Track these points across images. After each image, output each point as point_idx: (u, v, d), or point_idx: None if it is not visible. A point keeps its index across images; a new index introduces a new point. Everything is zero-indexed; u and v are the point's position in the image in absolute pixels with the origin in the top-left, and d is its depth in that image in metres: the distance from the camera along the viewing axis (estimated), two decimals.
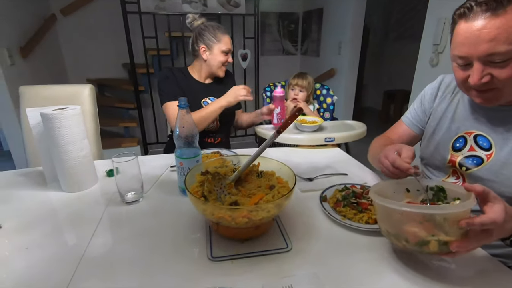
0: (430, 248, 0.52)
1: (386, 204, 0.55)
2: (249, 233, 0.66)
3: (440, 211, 0.51)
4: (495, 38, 0.60)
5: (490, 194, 0.51)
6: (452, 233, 0.51)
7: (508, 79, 0.62)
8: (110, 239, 0.69)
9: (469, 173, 0.77)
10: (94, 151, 1.30)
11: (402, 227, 0.54)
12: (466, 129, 0.79)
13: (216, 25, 1.40)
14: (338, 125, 1.52)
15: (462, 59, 0.66)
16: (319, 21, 3.49)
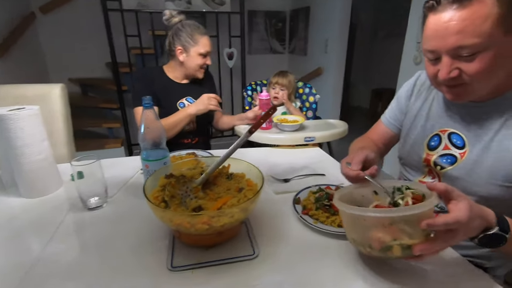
0: (394, 253, 0.50)
1: (347, 210, 0.52)
2: (212, 240, 0.62)
3: (398, 213, 0.48)
4: (462, 31, 0.57)
5: (453, 193, 0.49)
6: (415, 236, 0.48)
7: (476, 73, 0.60)
8: (65, 248, 0.65)
9: (444, 172, 0.75)
10: (65, 154, 1.24)
11: (366, 234, 0.52)
12: (441, 127, 0.77)
13: (194, 25, 1.34)
14: (320, 124, 1.49)
15: (432, 53, 0.64)
16: (306, 19, 3.47)
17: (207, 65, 1.38)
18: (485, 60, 0.59)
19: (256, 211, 0.78)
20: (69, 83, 3.16)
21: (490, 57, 0.58)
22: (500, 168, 0.66)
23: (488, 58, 0.58)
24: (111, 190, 0.86)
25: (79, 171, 0.75)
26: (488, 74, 0.61)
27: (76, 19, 3.01)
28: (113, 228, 0.72)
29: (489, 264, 0.75)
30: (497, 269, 0.77)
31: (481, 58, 0.59)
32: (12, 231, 0.70)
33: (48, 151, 0.85)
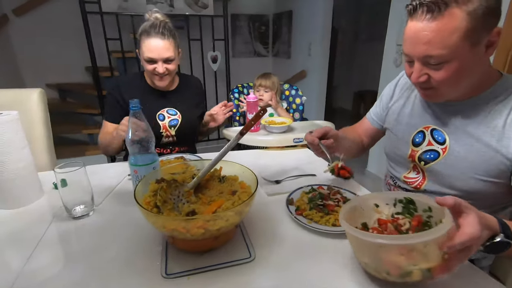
0: (413, 278, 0.48)
1: (361, 237, 0.49)
2: (207, 244, 0.61)
3: (421, 239, 0.45)
4: (430, 41, 0.61)
5: (462, 205, 0.48)
6: (433, 258, 0.47)
7: (442, 81, 0.65)
8: (50, 261, 0.61)
9: (427, 167, 0.78)
10: (45, 161, 1.18)
11: (381, 259, 0.49)
12: (424, 124, 0.80)
13: (145, 27, 1.13)
14: (308, 125, 1.51)
15: (407, 56, 0.68)
16: (289, 22, 3.52)
17: (159, 73, 1.16)
18: (451, 69, 0.63)
19: (250, 214, 0.77)
20: (47, 88, 3.03)
21: (455, 67, 0.62)
22: (481, 163, 0.69)
23: (454, 68, 0.62)
24: (97, 197, 0.83)
25: (62, 179, 0.71)
26: (453, 82, 0.65)
27: (53, 22, 2.90)
28: (101, 237, 0.69)
29: (474, 256, 0.78)
30: (482, 260, 0.80)
31: (447, 67, 0.63)
32: None
33: (28, 159, 0.80)
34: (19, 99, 1.17)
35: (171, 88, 1.30)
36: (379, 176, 2.64)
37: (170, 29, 1.15)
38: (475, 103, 0.71)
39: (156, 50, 1.12)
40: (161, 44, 1.12)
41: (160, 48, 1.12)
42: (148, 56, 1.12)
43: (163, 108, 1.27)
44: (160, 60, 1.13)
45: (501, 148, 0.66)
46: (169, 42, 1.13)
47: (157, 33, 1.11)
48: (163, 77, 1.19)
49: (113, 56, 2.74)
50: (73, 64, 3.08)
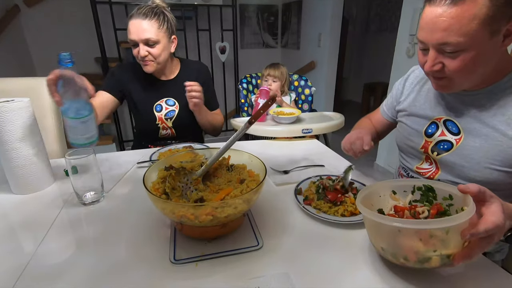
0: (432, 264, 0.47)
1: (380, 220, 0.48)
2: (215, 231, 0.61)
3: (442, 224, 0.45)
4: (448, 28, 0.58)
5: (486, 193, 0.47)
6: (453, 245, 0.46)
7: (457, 70, 0.62)
8: (61, 245, 0.62)
9: (440, 158, 0.76)
10: (56, 149, 1.20)
11: (400, 244, 0.48)
12: (437, 115, 0.79)
13: (136, 9, 1.07)
14: (316, 116, 1.49)
15: (422, 43, 0.66)
16: (298, 13, 3.45)
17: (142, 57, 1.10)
18: (467, 58, 0.60)
19: (258, 203, 0.77)
20: None
21: (472, 56, 0.60)
22: (497, 153, 0.67)
23: (470, 57, 0.60)
24: (106, 185, 0.84)
25: (73, 166, 0.72)
26: (468, 71, 0.62)
27: (63, 13, 2.92)
28: (111, 223, 0.69)
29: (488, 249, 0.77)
30: (495, 254, 0.79)
31: (463, 56, 0.60)
32: (3, 230, 0.67)
33: (40, 146, 0.81)
34: (30, 87, 1.18)
35: (170, 76, 1.25)
36: (388, 169, 2.60)
37: (157, 12, 1.08)
38: (490, 92, 0.69)
39: (135, 31, 1.06)
40: (141, 24, 1.05)
41: (140, 29, 1.05)
42: (129, 38, 1.07)
43: (162, 98, 1.22)
44: (140, 41, 1.07)
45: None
46: (151, 22, 1.06)
47: (139, 14, 1.05)
48: (146, 62, 1.11)
49: (122, 47, 2.75)
50: (83, 54, 3.10)
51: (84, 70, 3.17)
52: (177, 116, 1.24)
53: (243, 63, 3.47)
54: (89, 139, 0.80)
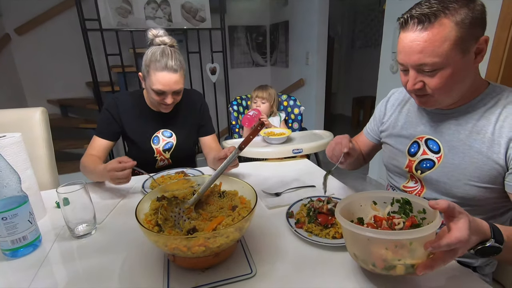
0: (397, 272, 0.51)
1: (352, 229, 0.52)
2: (208, 261, 0.61)
3: (405, 236, 0.49)
4: (423, 50, 0.64)
5: (455, 209, 0.49)
6: (418, 256, 0.50)
7: (436, 88, 0.67)
8: (53, 281, 0.62)
9: (424, 176, 0.79)
10: (47, 180, 1.20)
11: (369, 251, 0.52)
12: (418, 134, 0.82)
13: (155, 56, 1.06)
14: (307, 135, 1.52)
15: (401, 65, 0.71)
16: (286, 33, 3.57)
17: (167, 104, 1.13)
18: (445, 76, 0.65)
19: (250, 228, 0.77)
20: (48, 105, 3.08)
21: (448, 73, 0.65)
22: (474, 170, 0.70)
23: (447, 74, 0.65)
24: (99, 215, 0.84)
25: (65, 198, 0.73)
26: (447, 88, 0.67)
27: (54, 40, 2.96)
28: (103, 256, 0.69)
29: (477, 263, 0.78)
30: (484, 267, 0.80)
31: (441, 74, 0.65)
32: None
33: (31, 180, 0.82)
34: (21, 118, 1.19)
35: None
36: (380, 182, 2.64)
37: (180, 58, 1.11)
38: (466, 110, 0.73)
39: (168, 84, 1.08)
40: (174, 78, 1.08)
41: (172, 82, 1.08)
42: (158, 89, 1.08)
43: (158, 130, 1.23)
44: (170, 93, 1.10)
45: (491, 154, 0.68)
46: (180, 74, 1.10)
47: (169, 65, 1.06)
48: (170, 106, 1.16)
49: (113, 71, 2.78)
50: (74, 79, 3.13)
51: (75, 94, 3.19)
52: (175, 148, 1.24)
53: (234, 82, 3.54)
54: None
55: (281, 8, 3.60)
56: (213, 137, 1.33)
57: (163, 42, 1.10)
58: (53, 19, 2.93)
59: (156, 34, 1.10)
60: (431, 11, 0.62)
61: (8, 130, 0.85)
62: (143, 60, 1.10)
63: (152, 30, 1.11)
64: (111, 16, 2.52)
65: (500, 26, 1.48)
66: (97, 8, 2.39)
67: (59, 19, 2.94)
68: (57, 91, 3.11)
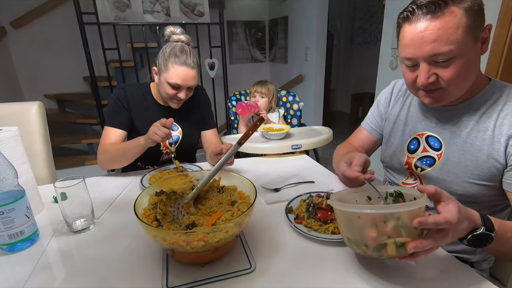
0: (388, 252, 0.51)
1: (343, 208, 0.54)
2: (208, 256, 0.61)
3: (392, 210, 0.51)
4: (438, 39, 0.61)
5: (443, 194, 0.51)
6: (408, 234, 0.50)
7: (451, 78, 0.64)
8: (51, 276, 0.61)
9: (424, 173, 0.79)
10: (44, 174, 1.19)
11: (361, 232, 0.53)
12: (418, 131, 0.81)
13: (175, 51, 1.10)
14: (306, 131, 1.52)
15: (410, 60, 0.67)
16: (285, 28, 3.55)
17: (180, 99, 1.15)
18: (459, 65, 0.63)
19: (250, 223, 0.77)
20: (45, 99, 3.05)
21: (463, 62, 0.63)
22: (474, 167, 0.70)
23: (461, 63, 0.63)
24: (97, 210, 0.83)
25: (62, 192, 0.72)
26: (461, 78, 0.65)
27: (50, 33, 2.93)
28: (102, 250, 0.69)
29: (474, 258, 0.79)
30: (482, 263, 0.81)
31: (456, 64, 0.63)
32: None
33: (28, 174, 0.81)
34: (18, 112, 1.18)
35: None
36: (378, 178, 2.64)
37: (196, 56, 1.14)
38: (468, 106, 0.72)
39: (185, 79, 1.11)
40: (191, 73, 1.11)
41: (190, 78, 1.12)
42: (175, 83, 1.10)
43: None
44: (185, 88, 1.13)
45: (492, 152, 0.67)
46: (196, 71, 1.14)
47: (188, 62, 1.10)
48: (182, 102, 1.19)
49: (111, 66, 2.76)
50: (71, 74, 3.10)
51: (72, 89, 3.16)
52: (181, 141, 1.25)
53: (233, 78, 3.52)
54: None
55: (280, 3, 3.57)
56: (213, 132, 1.34)
57: (180, 40, 1.13)
58: (50, 13, 2.89)
59: (174, 32, 1.14)
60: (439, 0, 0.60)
61: (4, 124, 0.84)
62: (161, 55, 1.12)
63: (170, 27, 1.15)
64: (109, 10, 2.49)
65: (500, 21, 1.47)
66: (94, 1, 2.36)
67: (55, 13, 2.91)
68: (54, 86, 3.08)
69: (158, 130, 0.94)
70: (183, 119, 1.25)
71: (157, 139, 0.95)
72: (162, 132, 0.94)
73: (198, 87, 1.34)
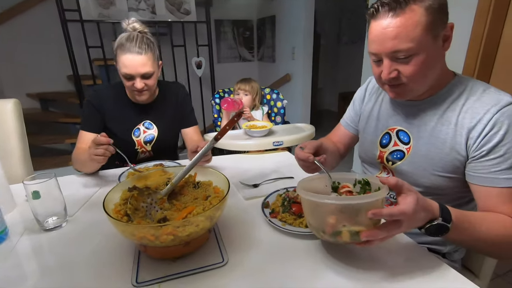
0: (343, 238, 0.54)
1: (306, 197, 0.57)
2: (179, 251, 0.61)
3: (350, 201, 0.55)
4: (397, 36, 0.63)
5: (404, 186, 0.53)
6: (364, 224, 0.53)
7: (411, 75, 0.67)
8: (21, 274, 0.60)
9: (394, 167, 0.81)
10: (20, 173, 1.16)
11: (321, 219, 0.56)
12: (390, 126, 0.83)
13: (121, 41, 1.06)
14: (289, 128, 1.52)
15: (375, 55, 0.70)
16: (272, 27, 3.56)
17: (138, 89, 1.10)
18: (419, 62, 0.65)
19: (226, 218, 0.77)
20: (27, 98, 2.98)
21: (423, 59, 0.65)
22: (439, 160, 0.72)
23: (421, 60, 0.65)
24: (72, 208, 0.82)
25: (34, 191, 0.70)
26: (421, 75, 0.67)
27: (33, 31, 2.86)
28: (74, 248, 0.68)
29: (446, 249, 0.81)
30: (453, 254, 0.83)
31: (415, 60, 0.65)
32: None
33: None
34: None
35: (150, 100, 1.23)
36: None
37: (148, 42, 1.09)
38: (433, 101, 0.75)
39: (133, 67, 1.06)
40: (138, 59, 1.05)
41: (138, 64, 1.06)
42: (125, 72, 1.06)
43: (140, 122, 1.21)
44: (138, 76, 1.08)
45: (454, 145, 0.69)
46: (147, 57, 1.07)
47: (133, 48, 1.05)
48: (142, 92, 1.13)
49: (95, 64, 2.71)
50: (55, 73, 3.03)
51: (56, 88, 3.09)
52: (156, 140, 1.23)
53: (220, 77, 3.51)
54: None
55: (268, 2, 3.58)
56: (194, 129, 1.33)
57: (134, 28, 1.10)
58: (32, 9, 2.82)
59: (128, 23, 1.11)
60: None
61: None
62: (114, 48, 1.09)
63: (125, 20, 1.11)
64: (92, 7, 2.44)
65: (476, 21, 1.51)
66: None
67: (37, 9, 2.84)
68: (37, 85, 3.01)
69: (94, 151, 0.88)
70: (158, 117, 1.23)
71: (99, 160, 0.90)
72: (99, 151, 0.88)
73: (176, 84, 1.33)
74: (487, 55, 1.53)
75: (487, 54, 1.53)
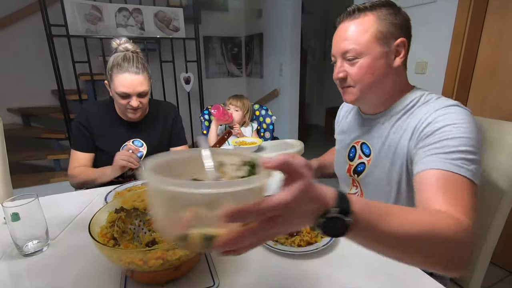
0: (192, 245, 0.36)
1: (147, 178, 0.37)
2: (169, 275, 0.59)
3: (206, 189, 0.32)
4: (348, 38, 0.72)
5: (291, 166, 0.34)
6: (220, 223, 0.33)
7: (356, 76, 0.73)
8: None
9: (359, 179, 0.84)
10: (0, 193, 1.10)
11: (164, 213, 0.38)
12: (355, 139, 0.87)
13: (117, 60, 1.09)
14: (278, 144, 1.53)
15: (333, 56, 0.77)
16: (260, 44, 3.64)
17: (133, 108, 1.13)
18: (363, 66, 0.71)
19: None
20: (8, 113, 2.88)
21: (367, 64, 0.71)
22: (391, 167, 0.75)
23: (365, 65, 0.71)
24: (54, 230, 0.78)
25: (14, 213, 0.67)
26: (366, 79, 0.72)
27: (16, 45, 2.81)
28: (55, 274, 0.64)
29: None
30: None
31: (360, 64, 0.72)
32: None
33: None
34: None
35: (140, 118, 1.24)
36: None
37: (142, 62, 1.13)
38: (387, 114, 0.79)
39: (131, 86, 1.09)
40: (136, 79, 1.09)
41: (136, 84, 1.10)
42: (122, 91, 1.09)
43: (129, 139, 1.22)
44: (134, 94, 1.11)
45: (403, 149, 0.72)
46: (143, 76, 1.11)
47: (131, 68, 1.08)
48: (137, 110, 1.16)
49: (81, 79, 2.68)
50: (39, 87, 2.96)
51: (39, 103, 3.02)
52: (145, 157, 1.22)
53: (209, 93, 3.53)
54: None
55: (255, 20, 3.67)
56: (183, 148, 1.34)
57: (126, 48, 1.13)
58: (16, 24, 2.78)
59: (119, 43, 1.14)
60: (361, 6, 0.71)
61: None
62: (107, 67, 1.12)
63: (116, 40, 1.15)
64: (79, 23, 2.43)
65: (454, 41, 1.60)
66: (64, 14, 2.30)
67: (22, 24, 2.80)
68: (19, 99, 2.92)
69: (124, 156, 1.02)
70: (148, 135, 1.24)
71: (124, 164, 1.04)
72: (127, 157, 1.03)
73: (167, 104, 1.36)
74: (464, 75, 1.61)
75: (464, 74, 1.61)
